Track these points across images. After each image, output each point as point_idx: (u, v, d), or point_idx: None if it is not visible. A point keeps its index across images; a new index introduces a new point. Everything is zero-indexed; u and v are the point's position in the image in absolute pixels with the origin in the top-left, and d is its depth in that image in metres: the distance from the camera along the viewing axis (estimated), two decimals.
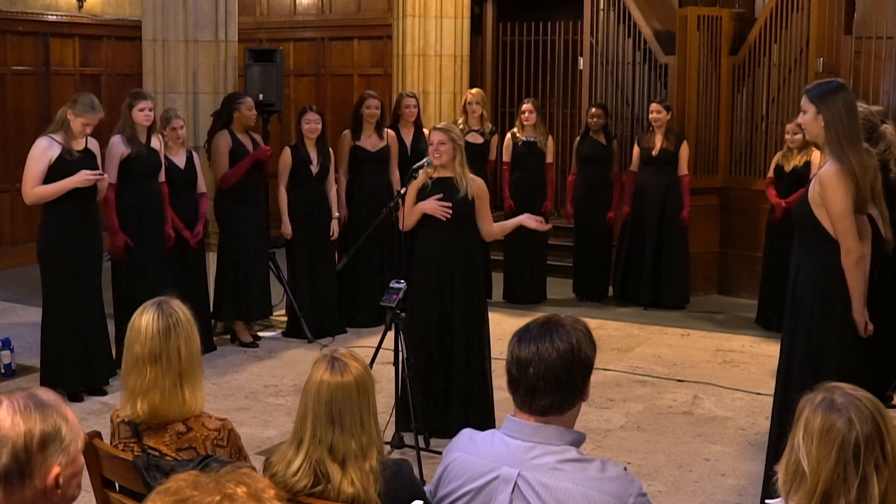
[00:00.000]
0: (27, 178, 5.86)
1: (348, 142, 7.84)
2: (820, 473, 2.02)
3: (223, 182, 7.09)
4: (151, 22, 7.47)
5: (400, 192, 5.61)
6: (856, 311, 4.09)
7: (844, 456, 2.02)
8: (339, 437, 2.52)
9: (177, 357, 2.80)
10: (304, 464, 2.53)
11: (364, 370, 2.59)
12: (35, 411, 1.83)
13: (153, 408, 2.80)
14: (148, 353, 2.80)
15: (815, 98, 3.98)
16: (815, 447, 2.04)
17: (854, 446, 2.01)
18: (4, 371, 6.44)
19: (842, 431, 2.03)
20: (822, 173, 3.98)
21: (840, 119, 3.92)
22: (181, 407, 2.81)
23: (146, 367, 2.80)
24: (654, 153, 8.19)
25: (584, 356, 2.32)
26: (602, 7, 8.98)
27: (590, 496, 2.21)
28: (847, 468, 2.01)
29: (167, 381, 2.79)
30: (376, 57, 11.66)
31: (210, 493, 1.46)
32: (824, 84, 4.09)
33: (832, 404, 2.07)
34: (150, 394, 2.80)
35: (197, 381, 2.86)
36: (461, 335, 5.33)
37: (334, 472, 2.51)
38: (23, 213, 10.24)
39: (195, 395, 2.84)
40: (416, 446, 4.84)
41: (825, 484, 2.02)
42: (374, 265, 7.81)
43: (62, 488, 1.84)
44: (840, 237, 3.98)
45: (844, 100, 3.97)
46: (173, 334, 2.81)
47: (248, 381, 6.50)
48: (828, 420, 2.05)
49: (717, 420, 5.83)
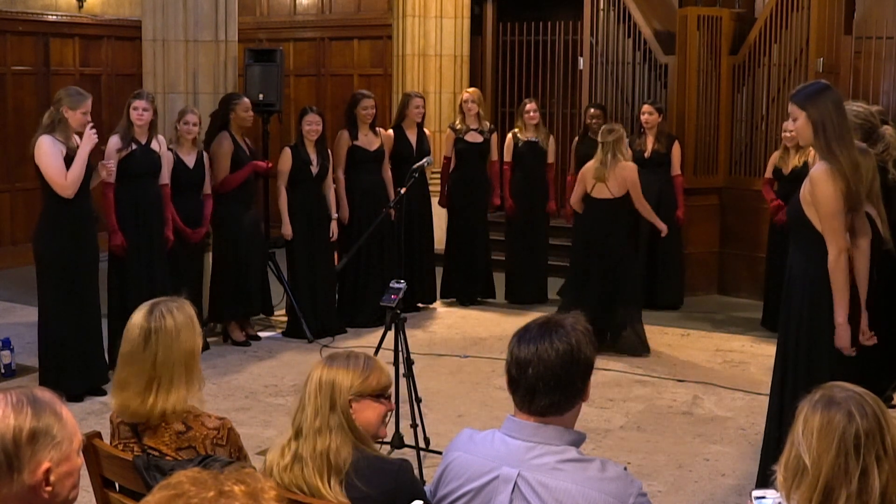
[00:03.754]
0: (55, 174, 5.72)
1: (346, 141, 7.83)
2: (821, 466, 2.03)
3: (222, 186, 7.09)
4: (151, 22, 7.48)
5: (400, 192, 5.61)
6: (838, 318, 4.01)
7: (845, 447, 2.03)
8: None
9: (151, 362, 2.82)
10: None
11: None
12: (28, 406, 1.84)
13: (122, 404, 2.86)
14: (127, 352, 2.86)
15: (802, 101, 3.98)
16: (815, 440, 2.05)
17: (854, 438, 2.03)
18: (4, 371, 6.45)
19: (842, 423, 2.04)
20: (812, 172, 3.99)
21: (829, 118, 3.91)
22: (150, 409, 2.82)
23: (126, 365, 2.86)
24: (647, 155, 8.19)
25: (584, 357, 2.31)
26: (602, 7, 8.98)
27: (590, 496, 2.21)
28: (848, 459, 2.02)
29: (141, 382, 2.82)
30: (376, 57, 11.66)
31: (207, 488, 1.47)
32: (810, 86, 4.09)
33: (831, 400, 2.09)
34: (124, 391, 2.85)
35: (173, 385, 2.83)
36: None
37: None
38: (22, 213, 10.26)
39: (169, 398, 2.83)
40: (416, 446, 4.84)
41: (826, 476, 2.03)
42: (374, 265, 7.81)
43: (53, 486, 1.84)
44: (826, 236, 3.95)
45: (832, 99, 3.97)
46: (153, 339, 2.82)
47: (248, 381, 6.50)
48: (827, 414, 2.06)
49: (717, 420, 5.83)
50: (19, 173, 10.03)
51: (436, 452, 4.94)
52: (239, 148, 7.14)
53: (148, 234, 6.43)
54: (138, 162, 6.34)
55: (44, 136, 5.77)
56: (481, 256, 8.57)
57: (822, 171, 3.93)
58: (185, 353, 2.86)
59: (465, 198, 8.42)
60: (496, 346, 7.19)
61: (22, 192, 10.21)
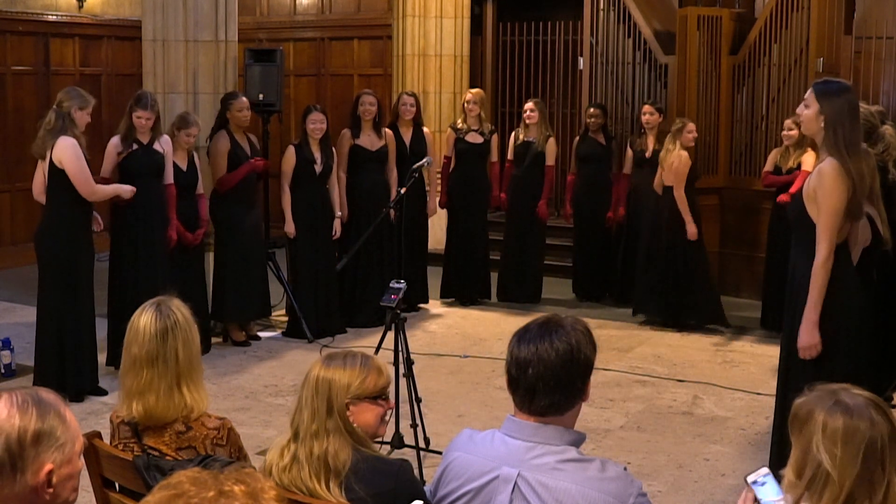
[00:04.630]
0: (84, 180, 5.80)
1: (348, 140, 7.84)
2: (846, 477, 2.00)
3: (219, 185, 7.10)
4: (151, 22, 7.48)
5: (400, 192, 5.61)
6: (811, 316, 3.97)
7: (871, 457, 2.01)
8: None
9: (174, 359, 2.80)
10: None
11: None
12: (32, 407, 1.84)
13: (148, 409, 2.80)
14: (145, 354, 2.80)
15: (821, 94, 3.92)
16: (840, 450, 2.02)
17: (881, 448, 2.01)
18: (4, 371, 6.45)
19: (867, 433, 2.01)
20: (823, 166, 3.92)
21: (842, 122, 3.87)
22: (179, 409, 2.81)
23: (143, 369, 2.80)
24: (647, 155, 8.18)
25: (584, 357, 2.31)
26: (602, 7, 8.98)
27: (590, 496, 2.21)
28: (874, 469, 2.01)
29: (163, 384, 2.79)
30: (376, 57, 11.66)
31: (207, 488, 1.47)
32: (833, 83, 4.03)
33: (847, 407, 2.06)
34: (146, 395, 2.80)
35: (198, 381, 2.85)
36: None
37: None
38: (23, 212, 10.26)
39: (196, 396, 2.84)
40: (416, 446, 4.84)
41: (851, 486, 2.00)
42: (374, 265, 7.81)
43: (55, 488, 1.84)
44: (820, 233, 3.91)
45: (849, 102, 3.92)
46: (171, 336, 2.80)
47: (248, 381, 6.50)
48: (850, 422, 2.03)
49: (717, 420, 5.83)
50: (19, 173, 10.03)
51: (436, 452, 4.94)
52: (237, 147, 7.13)
53: (149, 234, 6.43)
54: (139, 162, 6.34)
55: (65, 138, 5.77)
56: (481, 257, 8.57)
57: (832, 166, 3.87)
58: (198, 347, 2.86)
59: (464, 198, 8.42)
60: (496, 346, 7.19)
61: (22, 192, 10.20)
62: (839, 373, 3.73)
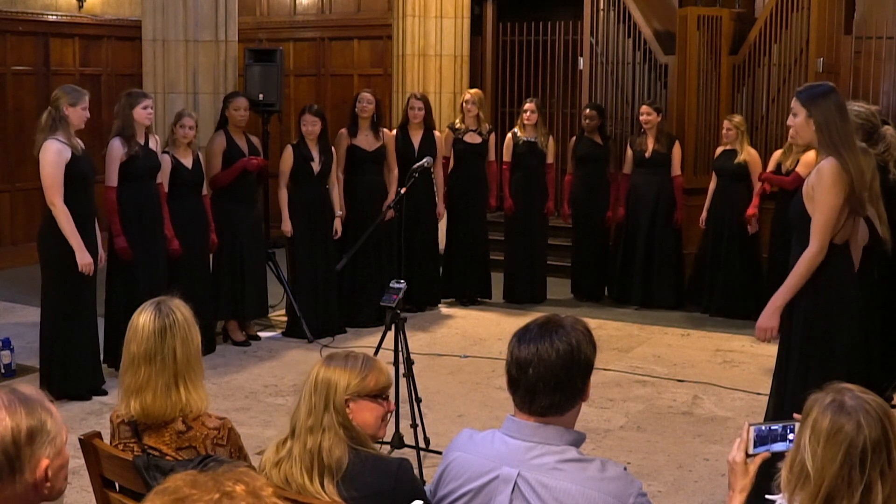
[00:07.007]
0: (51, 187, 5.66)
1: (345, 140, 7.83)
2: (824, 475, 2.02)
3: (213, 183, 7.09)
4: (151, 22, 7.48)
5: (400, 192, 5.60)
6: (777, 301, 4.02)
7: (851, 459, 2.01)
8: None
9: (172, 357, 2.80)
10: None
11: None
12: (20, 406, 1.84)
13: (145, 407, 2.81)
14: (143, 352, 2.80)
15: (806, 101, 3.95)
16: (821, 448, 2.03)
17: (861, 451, 2.01)
18: (4, 371, 6.44)
19: (850, 435, 2.02)
20: (823, 164, 3.92)
21: (833, 123, 3.88)
22: (176, 407, 2.81)
23: (141, 367, 2.80)
24: (647, 155, 8.20)
25: (584, 357, 2.31)
26: (602, 7, 8.98)
27: (590, 496, 2.21)
28: (852, 472, 2.01)
29: (161, 382, 2.79)
30: (376, 57, 11.67)
31: (209, 491, 1.46)
32: (815, 87, 4.06)
33: (842, 406, 2.06)
34: (144, 393, 2.80)
35: (196, 380, 2.85)
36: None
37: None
38: (23, 213, 10.27)
39: (194, 395, 2.84)
40: (416, 446, 4.84)
41: (829, 486, 2.01)
42: (373, 265, 7.81)
43: (51, 480, 1.85)
44: (814, 229, 3.91)
45: (836, 103, 3.94)
46: (169, 335, 2.80)
47: (248, 381, 6.50)
48: (836, 422, 2.04)
49: (717, 420, 5.83)
50: (19, 173, 10.04)
51: (436, 452, 4.94)
52: (233, 146, 7.12)
53: (150, 234, 6.43)
54: (141, 163, 6.31)
55: (51, 142, 5.68)
56: (480, 257, 8.57)
57: (831, 164, 3.88)
58: (197, 347, 2.86)
59: (463, 198, 8.43)
60: (496, 346, 7.19)
61: (22, 192, 10.22)
62: (838, 373, 3.72)
